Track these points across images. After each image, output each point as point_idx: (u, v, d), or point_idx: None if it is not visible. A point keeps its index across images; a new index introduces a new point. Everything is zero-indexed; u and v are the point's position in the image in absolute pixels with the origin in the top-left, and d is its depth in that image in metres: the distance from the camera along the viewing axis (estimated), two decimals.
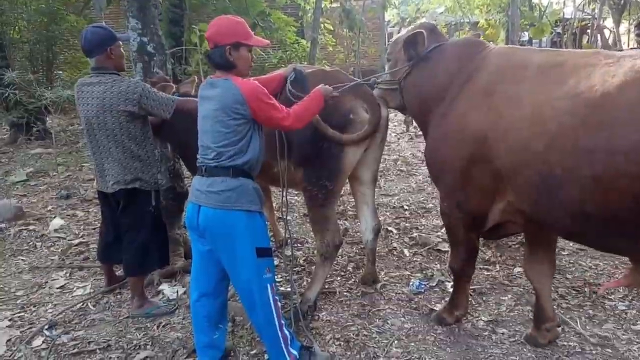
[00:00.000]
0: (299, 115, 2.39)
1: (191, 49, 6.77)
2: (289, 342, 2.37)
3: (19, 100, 7.82)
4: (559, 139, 1.93)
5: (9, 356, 2.66)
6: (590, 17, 13.72)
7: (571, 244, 3.90)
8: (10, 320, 3.04)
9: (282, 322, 2.36)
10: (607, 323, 2.82)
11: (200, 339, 2.44)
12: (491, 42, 2.92)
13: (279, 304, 2.37)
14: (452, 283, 2.96)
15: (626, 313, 2.91)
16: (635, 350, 2.55)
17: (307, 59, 10.00)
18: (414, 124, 3.13)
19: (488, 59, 2.39)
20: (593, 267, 3.53)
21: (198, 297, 2.39)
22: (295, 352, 2.38)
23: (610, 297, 3.10)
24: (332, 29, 11.60)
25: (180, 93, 3.40)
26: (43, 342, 2.79)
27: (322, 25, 10.60)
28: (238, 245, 2.22)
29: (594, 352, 2.55)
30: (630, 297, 3.09)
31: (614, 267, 3.51)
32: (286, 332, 2.37)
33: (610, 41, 12.48)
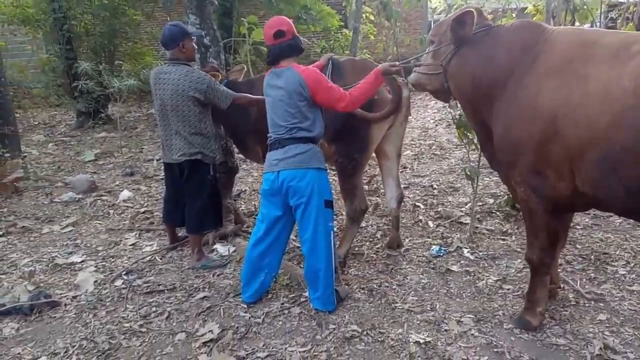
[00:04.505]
0: (355, 98, 2.86)
1: (240, 40, 7.41)
2: None
3: (88, 89, 8.66)
4: (623, 118, 1.99)
5: (97, 292, 3.31)
6: None
7: (587, 219, 4.19)
8: (95, 267, 3.71)
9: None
10: (605, 284, 3.14)
11: (254, 280, 3.03)
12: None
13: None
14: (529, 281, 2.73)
15: (625, 277, 3.22)
16: (625, 305, 2.87)
17: (350, 48, 10.38)
18: (459, 107, 3.12)
19: (555, 38, 2.36)
20: (603, 239, 3.82)
21: (267, 247, 2.98)
22: None
23: (613, 263, 3.41)
24: (373, 18, 11.93)
25: (229, 80, 3.95)
26: (123, 283, 3.43)
27: (363, 15, 10.94)
28: (312, 197, 2.80)
29: (587, 305, 2.90)
30: (632, 264, 3.38)
31: (624, 239, 3.79)
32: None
33: None
